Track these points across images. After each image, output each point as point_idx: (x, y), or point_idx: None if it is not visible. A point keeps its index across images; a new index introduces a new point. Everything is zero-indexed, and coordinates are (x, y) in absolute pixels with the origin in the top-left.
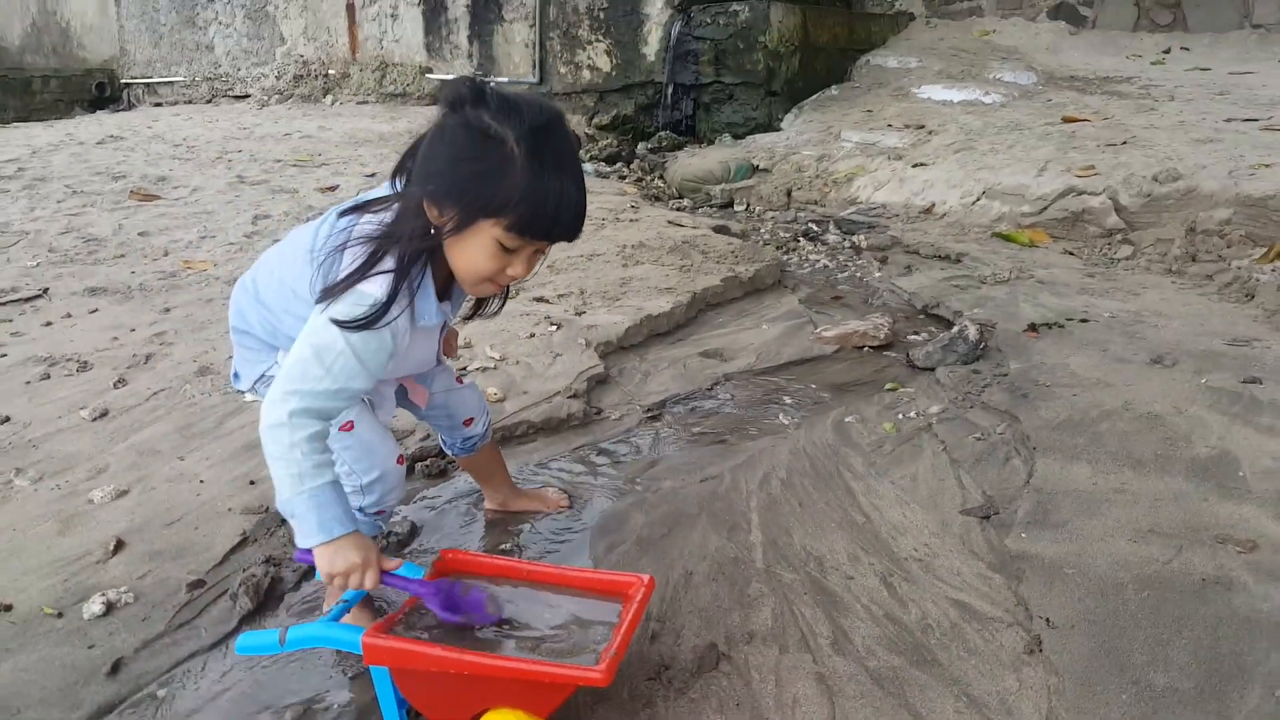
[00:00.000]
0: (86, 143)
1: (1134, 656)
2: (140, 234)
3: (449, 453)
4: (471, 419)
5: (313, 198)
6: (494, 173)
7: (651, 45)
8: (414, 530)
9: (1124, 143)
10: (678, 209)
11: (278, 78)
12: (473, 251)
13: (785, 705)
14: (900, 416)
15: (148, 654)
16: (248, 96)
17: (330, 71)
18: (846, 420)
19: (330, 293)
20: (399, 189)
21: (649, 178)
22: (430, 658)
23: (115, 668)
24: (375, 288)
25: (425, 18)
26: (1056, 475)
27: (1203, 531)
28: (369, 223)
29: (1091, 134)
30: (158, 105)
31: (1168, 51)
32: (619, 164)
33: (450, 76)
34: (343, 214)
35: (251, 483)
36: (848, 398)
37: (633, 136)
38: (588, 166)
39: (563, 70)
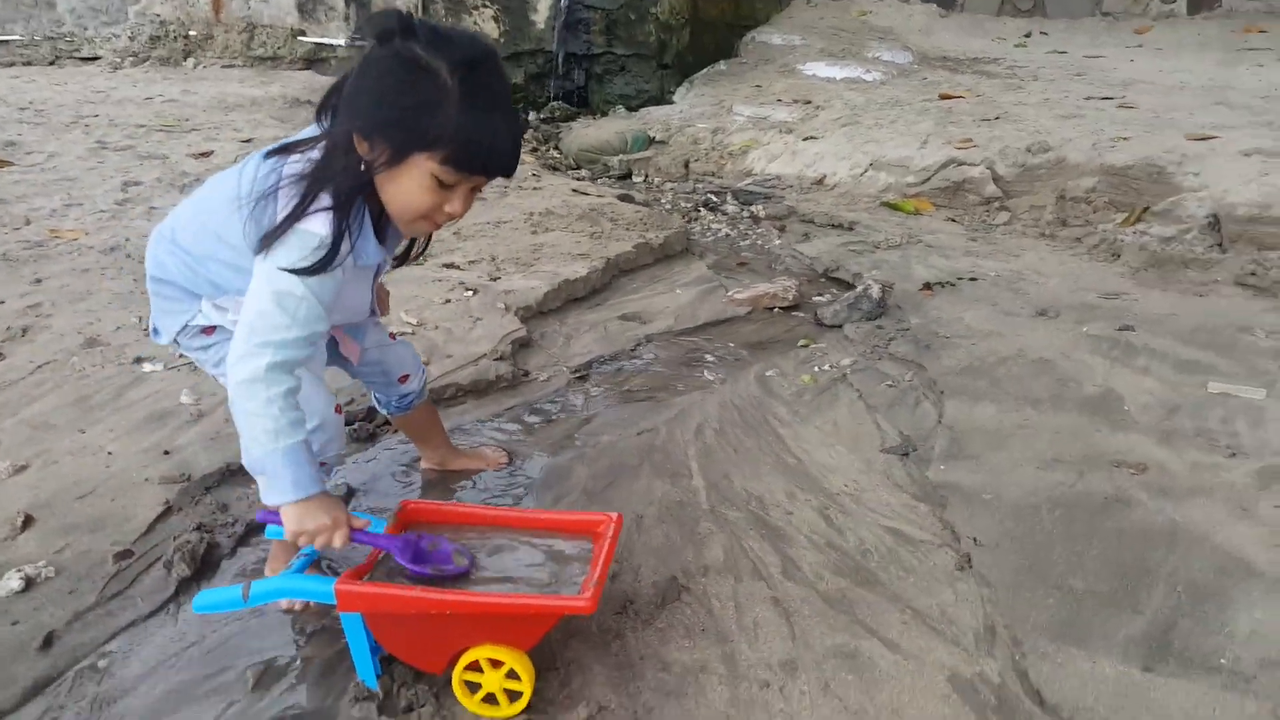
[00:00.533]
0: None
1: (1054, 567)
2: None
3: (383, 412)
4: (407, 375)
5: (186, 164)
6: (428, 105)
7: (541, 13)
8: (350, 492)
9: (997, 118)
10: (578, 179)
11: (131, 38)
12: (408, 187)
13: (747, 628)
14: (816, 369)
15: (80, 626)
16: (97, 59)
17: (191, 33)
18: (767, 374)
19: (271, 238)
20: (325, 129)
21: (544, 148)
22: (410, 600)
23: (47, 641)
24: (318, 226)
25: None
26: (965, 415)
27: (1099, 458)
28: (297, 162)
29: (967, 110)
30: None
31: (1029, 35)
32: None
33: (326, 40)
34: (267, 156)
35: (166, 453)
36: (765, 354)
37: (523, 106)
38: None
39: None
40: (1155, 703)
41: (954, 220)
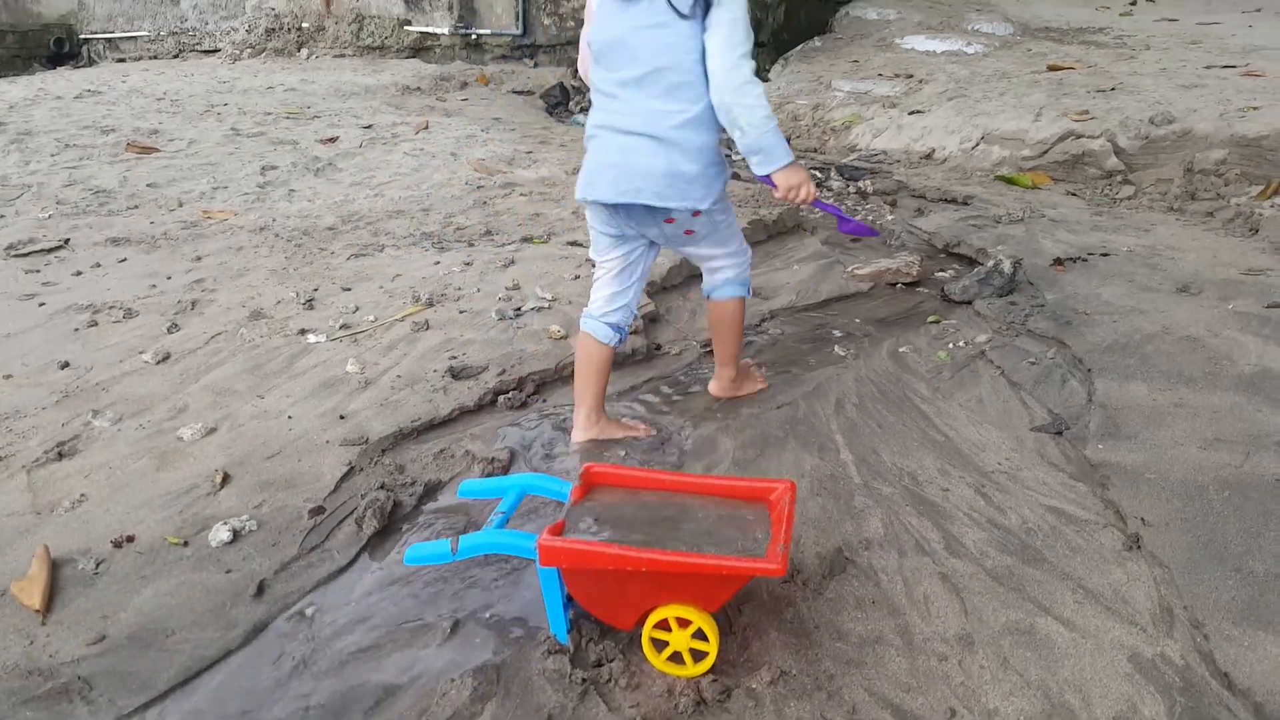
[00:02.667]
0: (64, 97)
1: (1230, 548)
2: (149, 185)
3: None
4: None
5: (315, 149)
6: None
7: None
8: (513, 456)
9: (1113, 89)
10: None
11: (248, 31)
12: None
13: (918, 602)
14: (951, 345)
15: (286, 576)
16: (217, 51)
17: (304, 25)
18: (900, 350)
19: None
20: None
21: None
22: (608, 556)
23: (260, 589)
24: None
25: None
26: (1116, 393)
27: (1264, 438)
28: None
29: (1079, 81)
30: (121, 61)
31: (1134, 3)
32: None
33: (431, 29)
34: None
35: (341, 417)
36: (894, 330)
37: None
38: (580, 118)
39: (546, 22)
40: None
41: (1074, 194)
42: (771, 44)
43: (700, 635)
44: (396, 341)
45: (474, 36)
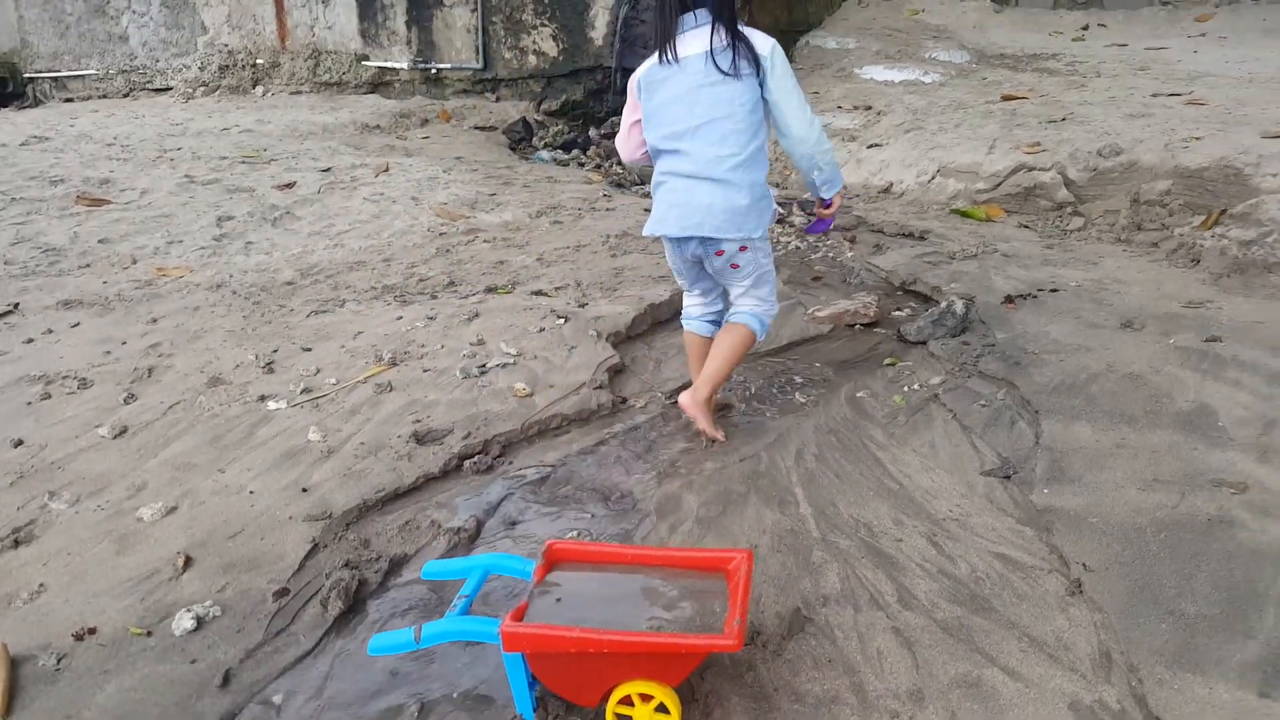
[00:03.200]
0: (9, 144)
1: (1165, 591)
2: (100, 241)
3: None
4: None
5: (272, 195)
6: None
7: (598, 29)
8: (479, 526)
9: (1063, 119)
10: (644, 195)
11: (201, 69)
12: None
13: (872, 658)
14: (906, 389)
15: (253, 663)
16: (169, 89)
17: (258, 61)
18: (858, 395)
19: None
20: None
21: (608, 163)
22: (571, 640)
23: (226, 679)
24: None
25: (359, 3)
26: (1062, 435)
27: (1199, 477)
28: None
29: (1031, 111)
30: (68, 101)
31: (1086, 28)
32: (575, 150)
33: (389, 64)
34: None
35: (304, 490)
36: (852, 374)
37: (583, 122)
38: (544, 154)
39: (507, 55)
40: None
41: (1027, 226)
42: None
43: (662, 709)
44: (359, 405)
45: (434, 71)
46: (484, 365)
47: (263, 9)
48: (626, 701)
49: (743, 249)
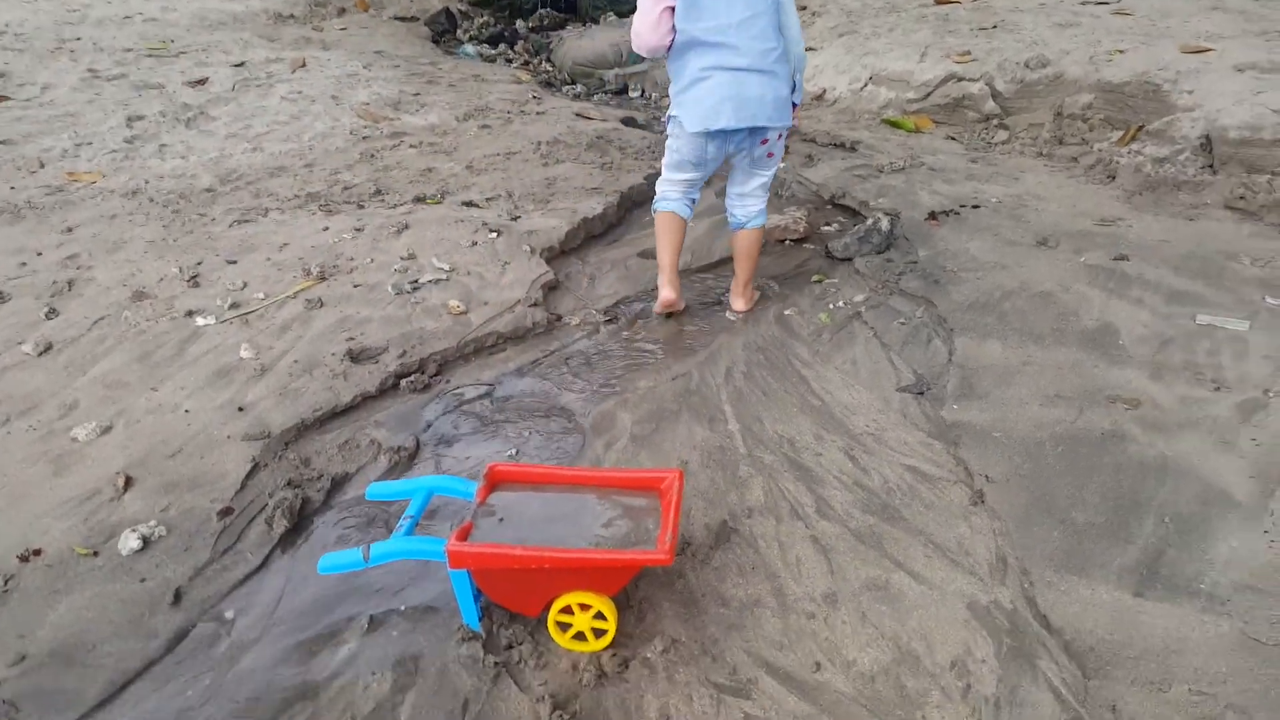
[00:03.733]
0: None
1: (1058, 501)
2: (2, 142)
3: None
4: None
5: (184, 93)
6: None
7: None
8: (419, 444)
9: (994, 26)
10: (575, 96)
11: None
12: None
13: (791, 565)
14: (831, 306)
15: (202, 581)
16: None
17: None
18: (786, 313)
19: None
20: None
21: (535, 60)
22: (514, 557)
23: (177, 596)
24: None
25: None
26: (974, 352)
27: (1097, 394)
28: None
29: (964, 17)
30: None
31: None
32: (502, 45)
33: None
34: None
35: (240, 409)
36: (781, 290)
37: (509, 13)
38: (469, 48)
39: None
40: (1144, 625)
41: (954, 139)
42: None
43: (600, 616)
44: (290, 321)
45: None
46: (416, 281)
47: None
48: (567, 610)
49: (780, 136)
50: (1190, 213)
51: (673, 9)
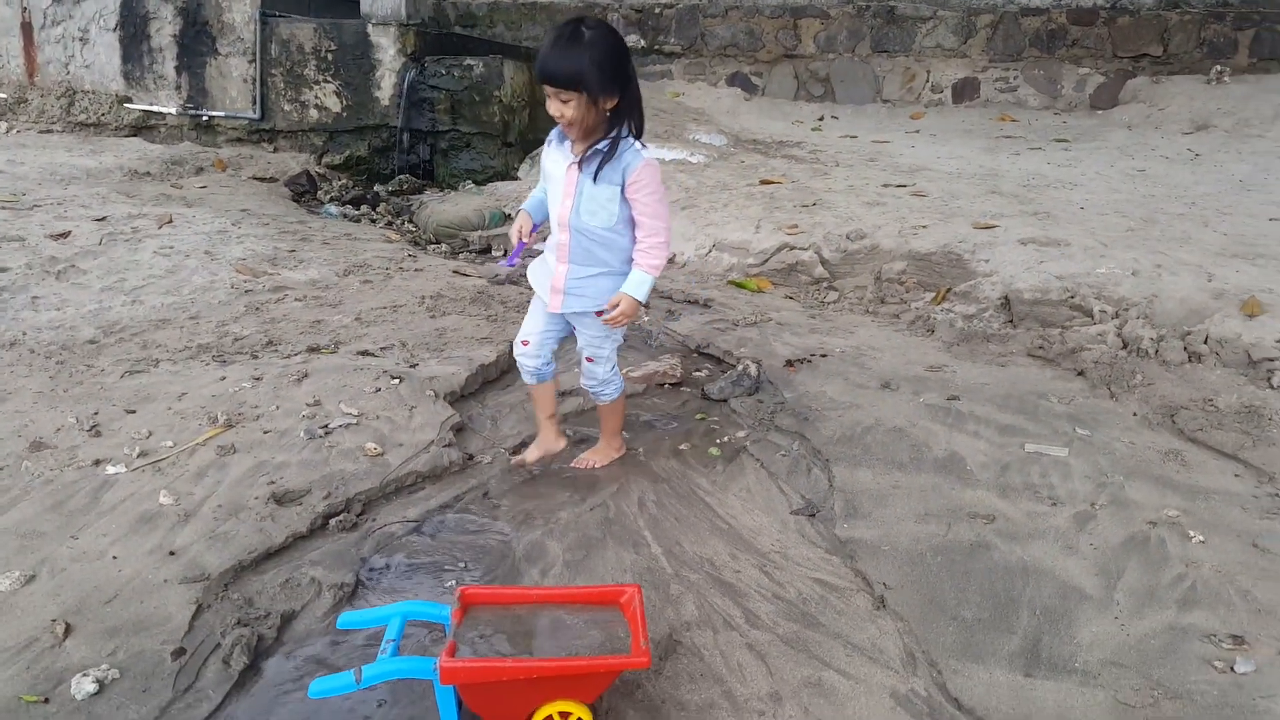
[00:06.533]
0: None
1: (948, 602)
2: None
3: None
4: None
5: (48, 246)
6: None
7: (385, 90)
8: (358, 580)
9: (814, 204)
10: (445, 255)
11: None
12: None
13: (735, 670)
14: (719, 441)
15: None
16: None
17: (1, 95)
18: (680, 448)
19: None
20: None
21: (399, 221)
22: (507, 670)
23: None
24: None
25: (123, 44)
26: (849, 479)
27: (959, 511)
28: None
29: (787, 195)
30: None
31: (822, 119)
32: (365, 206)
33: (155, 108)
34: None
35: (171, 553)
36: (672, 428)
37: (368, 178)
38: (332, 208)
39: (287, 108)
40: (1038, 699)
41: (791, 298)
42: (519, 144)
43: None
44: (205, 467)
45: (205, 118)
46: (327, 426)
47: (8, 41)
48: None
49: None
50: (1001, 360)
51: None
